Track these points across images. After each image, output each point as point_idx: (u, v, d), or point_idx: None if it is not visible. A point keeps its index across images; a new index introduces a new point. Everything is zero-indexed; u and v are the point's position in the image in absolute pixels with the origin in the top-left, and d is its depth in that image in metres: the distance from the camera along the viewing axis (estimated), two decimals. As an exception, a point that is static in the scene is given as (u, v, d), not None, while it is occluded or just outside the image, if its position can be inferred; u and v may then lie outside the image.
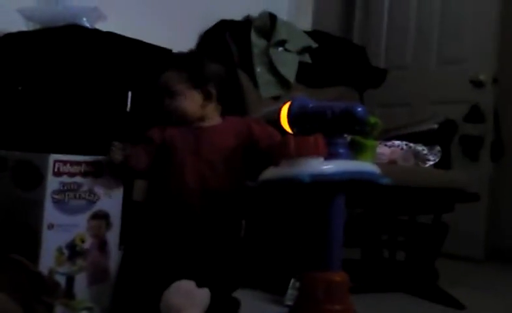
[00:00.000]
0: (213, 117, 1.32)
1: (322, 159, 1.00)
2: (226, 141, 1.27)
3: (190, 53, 1.50)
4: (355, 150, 1.11)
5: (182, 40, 1.93)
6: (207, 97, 1.30)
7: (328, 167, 1.00)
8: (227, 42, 2.21)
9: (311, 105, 1.11)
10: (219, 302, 1.10)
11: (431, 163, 1.87)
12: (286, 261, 1.58)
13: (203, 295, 0.99)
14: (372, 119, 1.18)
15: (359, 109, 1.06)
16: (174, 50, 1.88)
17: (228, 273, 1.21)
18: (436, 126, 2.04)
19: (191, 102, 1.29)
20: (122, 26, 1.75)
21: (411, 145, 1.87)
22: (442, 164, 1.90)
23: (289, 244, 1.60)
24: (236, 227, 1.29)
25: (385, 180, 1.06)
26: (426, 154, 1.87)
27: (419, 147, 1.87)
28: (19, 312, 0.91)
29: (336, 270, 1.03)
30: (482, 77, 2.68)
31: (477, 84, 2.70)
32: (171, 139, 1.28)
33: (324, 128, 1.06)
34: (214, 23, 2.27)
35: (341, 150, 1.06)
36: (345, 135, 1.10)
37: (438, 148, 1.90)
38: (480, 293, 1.93)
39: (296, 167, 0.99)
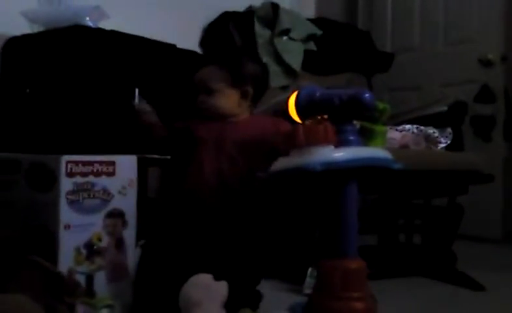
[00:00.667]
0: (243, 114, 1.31)
1: (332, 147, 1.00)
2: (250, 137, 1.26)
3: (231, 51, 1.48)
4: (366, 137, 1.11)
5: (185, 34, 1.93)
6: (243, 96, 1.29)
7: (339, 154, 0.99)
8: (231, 33, 2.21)
9: (318, 93, 1.10)
10: (241, 295, 1.10)
11: (443, 145, 1.86)
12: (303, 250, 1.59)
13: (221, 288, 0.99)
14: (381, 105, 1.17)
15: (367, 95, 1.05)
16: (178, 45, 1.89)
17: (250, 266, 1.21)
18: (446, 108, 2.02)
19: (228, 100, 1.28)
20: (125, 24, 1.75)
21: (422, 128, 1.86)
22: (454, 146, 1.89)
23: (305, 233, 1.60)
24: (255, 222, 1.28)
25: (397, 166, 1.06)
26: (437, 137, 1.86)
27: (430, 130, 1.86)
28: (41, 313, 0.92)
29: (353, 258, 1.03)
30: (490, 56, 2.65)
31: (486, 63, 2.67)
32: (195, 129, 1.29)
33: (333, 116, 1.05)
34: (217, 15, 2.26)
35: (351, 137, 1.05)
36: (354, 122, 1.10)
37: (449, 130, 1.88)
38: (499, 273, 1.92)
39: (307, 156, 0.98)
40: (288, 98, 1.14)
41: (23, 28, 1.79)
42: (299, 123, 1.11)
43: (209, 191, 1.22)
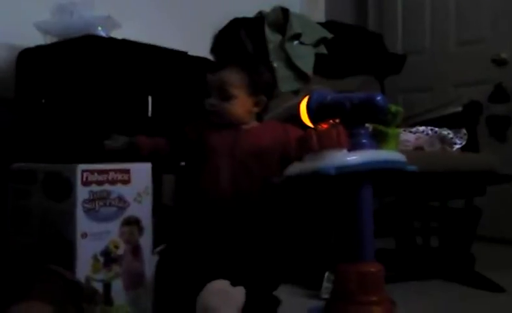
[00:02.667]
0: (252, 122, 1.30)
1: (345, 150, 0.99)
2: (263, 144, 1.25)
3: (250, 58, 1.46)
4: (379, 140, 1.10)
5: (195, 42, 1.94)
6: (257, 105, 1.29)
7: (353, 158, 0.99)
8: (241, 40, 2.21)
9: (329, 97, 1.10)
10: (258, 301, 1.10)
11: (458, 146, 1.84)
12: (320, 254, 1.58)
13: (238, 294, 0.99)
14: (393, 108, 1.16)
15: (379, 98, 1.05)
16: (190, 52, 1.90)
17: (267, 272, 1.20)
18: (460, 108, 2.00)
19: (242, 107, 1.27)
20: (136, 32, 1.77)
21: (436, 129, 1.84)
22: (469, 147, 1.86)
23: (321, 237, 1.59)
24: (272, 228, 1.27)
25: (411, 168, 1.05)
26: (452, 138, 1.84)
27: (445, 131, 1.84)
28: (60, 322, 0.93)
29: (369, 261, 1.02)
30: (504, 55, 2.62)
31: (500, 62, 2.64)
32: (208, 137, 1.27)
33: (345, 120, 1.05)
34: (227, 22, 2.27)
35: (364, 141, 1.05)
36: (367, 125, 1.09)
37: (464, 131, 1.86)
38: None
39: (321, 160, 0.98)
40: (299, 102, 1.14)
41: (36, 39, 1.82)
42: (311, 127, 1.11)
43: (224, 199, 1.22)
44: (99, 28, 1.75)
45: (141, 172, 1.22)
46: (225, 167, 1.23)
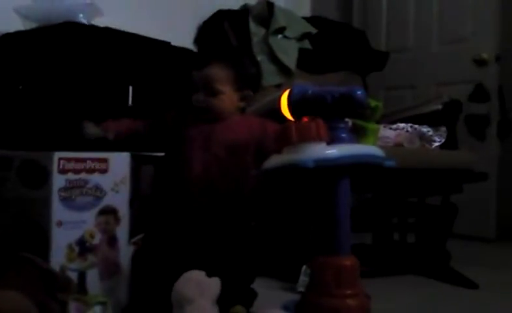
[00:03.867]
0: (234, 115, 1.29)
1: (324, 144, 1.00)
2: (237, 138, 1.25)
3: (235, 52, 1.44)
4: (358, 134, 1.11)
5: (179, 32, 1.93)
6: (242, 99, 1.29)
7: (331, 151, 1.00)
8: (225, 31, 2.20)
9: (310, 91, 1.11)
10: (234, 292, 1.10)
11: (437, 144, 1.86)
12: (297, 248, 1.59)
13: (214, 285, 0.99)
14: (373, 102, 1.17)
15: (359, 92, 1.06)
16: (173, 43, 1.88)
17: (243, 265, 1.20)
18: (440, 106, 2.03)
19: (229, 102, 1.27)
20: (119, 20, 1.75)
21: (416, 126, 1.86)
22: (448, 145, 1.89)
23: (299, 231, 1.60)
24: (245, 221, 1.28)
25: (390, 163, 1.06)
26: (431, 136, 1.86)
27: (424, 129, 1.86)
28: (34, 310, 0.92)
29: (345, 255, 1.03)
30: (485, 55, 2.66)
31: (480, 63, 2.68)
32: (185, 128, 1.27)
33: (325, 113, 1.05)
34: (211, 13, 2.26)
35: (343, 135, 1.06)
36: (347, 120, 1.10)
37: (444, 129, 1.89)
38: (493, 272, 1.93)
39: (299, 153, 0.99)
40: (280, 95, 1.14)
41: (16, 24, 1.78)
42: (291, 121, 1.11)
43: (198, 189, 1.22)
44: (81, 15, 1.73)
45: (119, 161, 1.21)
46: (199, 158, 1.23)
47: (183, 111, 1.32)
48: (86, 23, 1.72)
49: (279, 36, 2.28)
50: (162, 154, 1.45)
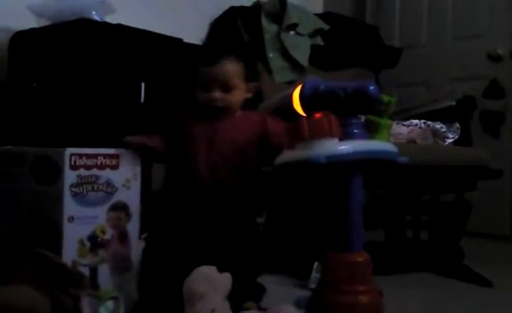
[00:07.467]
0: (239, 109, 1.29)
1: (336, 140, 0.99)
2: (240, 134, 1.24)
3: (242, 46, 1.43)
4: (371, 130, 1.10)
5: (191, 29, 1.92)
6: (249, 90, 1.28)
7: (344, 147, 0.98)
8: (238, 29, 2.20)
9: (322, 86, 1.09)
10: (243, 288, 1.10)
11: (450, 141, 1.84)
12: (309, 244, 1.58)
13: (225, 280, 0.99)
14: (386, 98, 1.16)
15: (371, 87, 1.04)
16: (185, 40, 1.89)
17: (250, 259, 1.20)
18: (454, 103, 2.00)
19: (241, 96, 1.25)
20: (131, 17, 1.75)
21: (429, 123, 1.84)
22: (462, 141, 1.87)
23: (311, 227, 1.59)
24: (251, 217, 1.27)
25: (402, 159, 1.04)
26: (445, 132, 1.84)
27: (438, 125, 1.84)
28: (46, 304, 0.93)
29: (358, 251, 1.02)
30: (499, 51, 2.63)
31: (495, 58, 2.64)
32: (189, 127, 1.26)
33: (338, 109, 1.04)
34: (224, 10, 2.26)
35: (356, 130, 1.04)
36: (359, 116, 1.09)
37: (457, 125, 1.86)
38: (507, 269, 1.90)
39: (311, 149, 0.97)
40: (292, 91, 1.13)
41: (29, 22, 1.80)
42: (303, 116, 1.10)
43: (204, 185, 1.21)
44: (94, 12, 1.74)
45: (130, 158, 1.21)
46: (204, 157, 1.22)
47: (183, 110, 1.31)
48: (99, 20, 1.73)
49: (292, 32, 2.27)
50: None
